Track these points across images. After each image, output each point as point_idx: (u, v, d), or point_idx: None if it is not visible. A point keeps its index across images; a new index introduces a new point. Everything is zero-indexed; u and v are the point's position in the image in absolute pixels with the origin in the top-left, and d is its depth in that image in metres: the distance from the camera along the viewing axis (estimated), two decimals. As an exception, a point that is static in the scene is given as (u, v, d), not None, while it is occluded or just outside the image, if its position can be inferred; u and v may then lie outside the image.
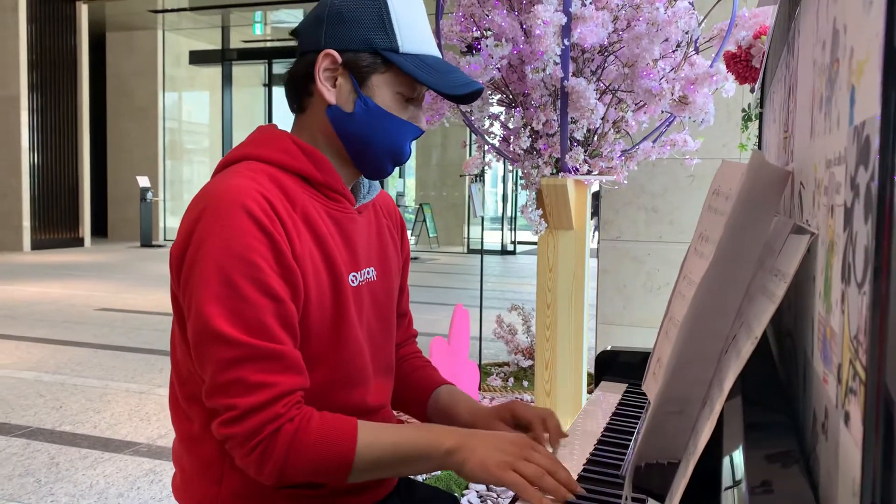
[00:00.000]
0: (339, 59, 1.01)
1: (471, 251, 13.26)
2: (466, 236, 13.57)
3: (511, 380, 3.95)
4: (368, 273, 1.10)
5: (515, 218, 13.86)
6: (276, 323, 0.92)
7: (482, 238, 5.33)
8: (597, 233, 3.98)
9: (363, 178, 1.14)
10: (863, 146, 0.33)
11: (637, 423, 1.18)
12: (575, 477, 1.03)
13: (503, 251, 13.48)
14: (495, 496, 2.50)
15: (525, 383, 3.89)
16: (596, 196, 4.03)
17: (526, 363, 4.02)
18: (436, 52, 1.06)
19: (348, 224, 1.07)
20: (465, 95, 1.05)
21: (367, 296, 1.10)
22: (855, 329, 0.33)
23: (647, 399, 1.03)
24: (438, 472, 2.59)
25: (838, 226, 0.39)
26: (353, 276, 1.06)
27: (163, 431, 3.38)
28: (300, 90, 1.06)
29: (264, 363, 0.90)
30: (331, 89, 1.03)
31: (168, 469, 2.93)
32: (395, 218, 1.24)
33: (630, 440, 1.12)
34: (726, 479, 0.47)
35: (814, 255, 0.49)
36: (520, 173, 2.64)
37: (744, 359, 0.44)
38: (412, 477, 1.25)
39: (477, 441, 0.94)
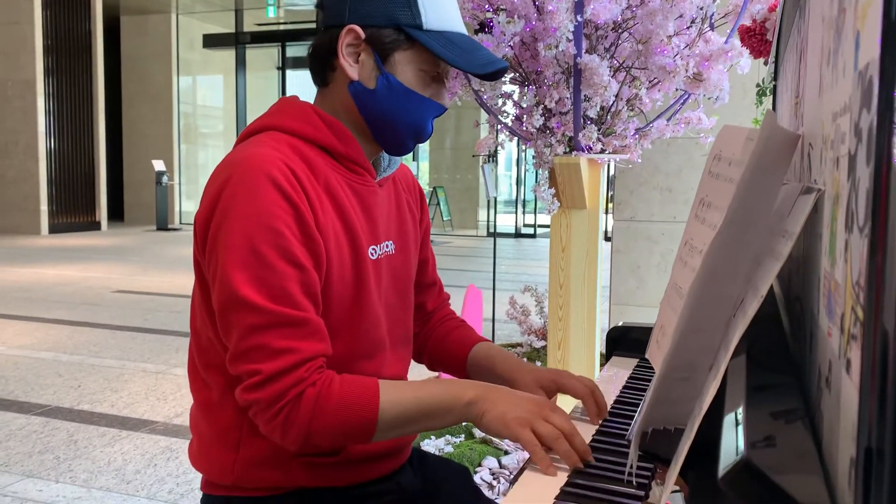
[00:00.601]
0: (363, 35, 1.01)
1: (490, 234, 13.28)
2: (486, 219, 13.53)
3: (524, 360, 3.96)
4: (387, 246, 1.11)
5: (536, 201, 13.83)
6: (300, 291, 0.93)
7: (494, 219, 5.33)
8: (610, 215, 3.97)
9: (383, 154, 1.14)
10: (866, 89, 0.32)
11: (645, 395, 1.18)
12: (584, 447, 1.04)
13: (517, 234, 13.45)
14: (508, 472, 2.51)
15: (538, 363, 3.90)
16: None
17: (539, 344, 4.02)
18: (461, 29, 1.06)
19: (369, 197, 1.07)
20: (490, 74, 1.05)
21: (386, 269, 1.10)
22: (857, 275, 0.33)
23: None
24: (451, 449, 2.61)
25: (843, 176, 0.39)
26: (373, 249, 1.07)
27: (179, 410, 3.42)
28: (324, 64, 1.06)
29: (288, 329, 0.91)
30: (353, 65, 1.02)
31: (184, 447, 2.97)
32: (414, 191, 1.25)
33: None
34: (729, 440, 0.47)
35: (820, 212, 0.49)
36: (532, 153, 2.63)
37: (749, 317, 0.44)
38: (429, 451, 1.27)
39: (498, 395, 0.96)
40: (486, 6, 2.47)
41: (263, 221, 0.91)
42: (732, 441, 0.45)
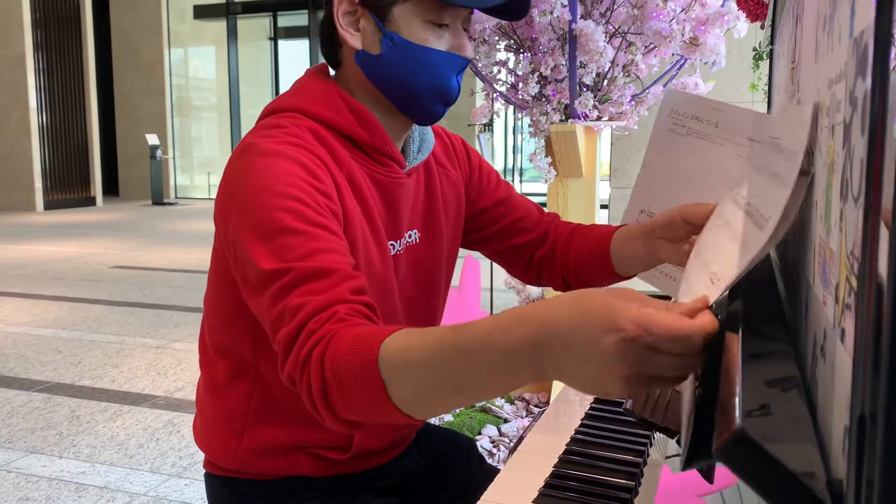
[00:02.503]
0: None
1: None
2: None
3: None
4: (410, 237, 1.04)
5: (519, 169, 13.78)
6: (324, 245, 0.81)
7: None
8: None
9: (413, 134, 1.06)
10: (861, 56, 0.32)
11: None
12: (582, 415, 1.05)
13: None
14: (507, 440, 2.54)
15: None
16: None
17: (537, 312, 4.03)
18: None
19: (392, 189, 1.00)
20: (509, 7, 0.95)
21: (407, 261, 1.04)
22: (851, 244, 0.33)
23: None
24: (451, 418, 2.63)
25: (838, 144, 0.39)
26: (392, 244, 1.01)
27: (179, 385, 3.44)
28: (331, 43, 0.99)
29: (304, 285, 0.77)
30: (354, 34, 0.95)
31: (186, 420, 2.99)
32: (453, 150, 1.14)
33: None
34: (724, 408, 0.47)
35: (815, 179, 0.49)
36: (528, 121, 2.61)
37: (775, 240, 0.44)
38: (429, 421, 1.26)
39: (555, 359, 0.58)
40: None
41: (276, 189, 0.82)
42: (727, 408, 0.45)
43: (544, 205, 2.45)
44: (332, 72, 1.03)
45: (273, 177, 0.84)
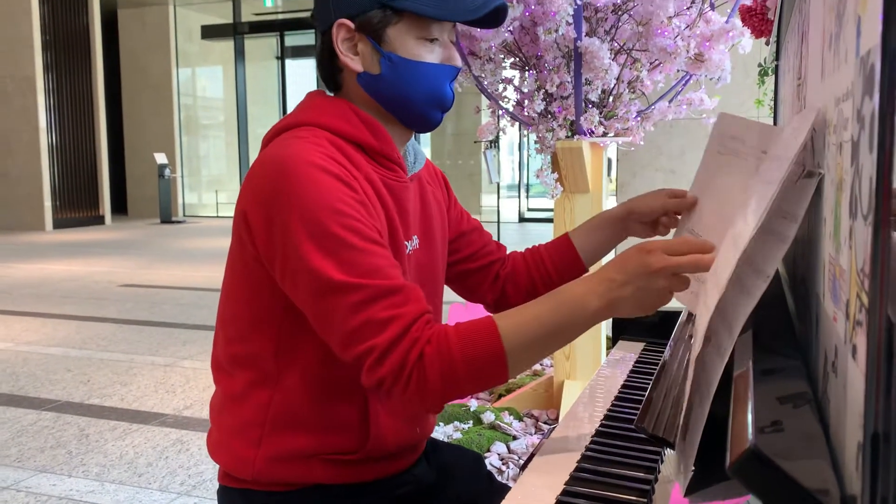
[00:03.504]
0: (352, 26, 1.02)
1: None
2: (489, 204, 13.53)
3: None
4: (413, 241, 1.11)
5: (527, 186, 13.82)
6: (384, 262, 0.92)
7: (498, 205, 5.33)
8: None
9: (409, 147, 1.14)
10: (868, 75, 0.32)
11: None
12: (592, 432, 1.04)
13: (521, 219, 13.44)
14: (517, 458, 2.52)
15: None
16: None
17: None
18: None
19: (402, 193, 1.07)
20: (489, 17, 1.04)
21: (413, 265, 1.11)
22: (861, 262, 0.33)
23: (661, 357, 1.03)
24: (459, 436, 2.62)
25: (846, 162, 0.39)
26: (406, 243, 1.08)
27: (188, 402, 3.44)
28: (331, 70, 1.07)
29: (386, 299, 0.89)
30: (354, 58, 1.03)
31: (195, 439, 2.99)
32: (437, 178, 1.25)
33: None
34: (737, 425, 0.47)
35: (824, 196, 0.49)
36: (534, 138, 2.62)
37: (755, 299, 0.45)
38: (437, 438, 1.28)
39: (620, 292, 0.88)
40: (485, -9, 2.45)
41: (328, 204, 0.91)
42: (740, 425, 0.45)
43: (551, 220, 2.44)
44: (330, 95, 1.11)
45: (323, 192, 0.91)
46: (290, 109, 1.28)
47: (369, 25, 1.01)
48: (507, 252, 1.33)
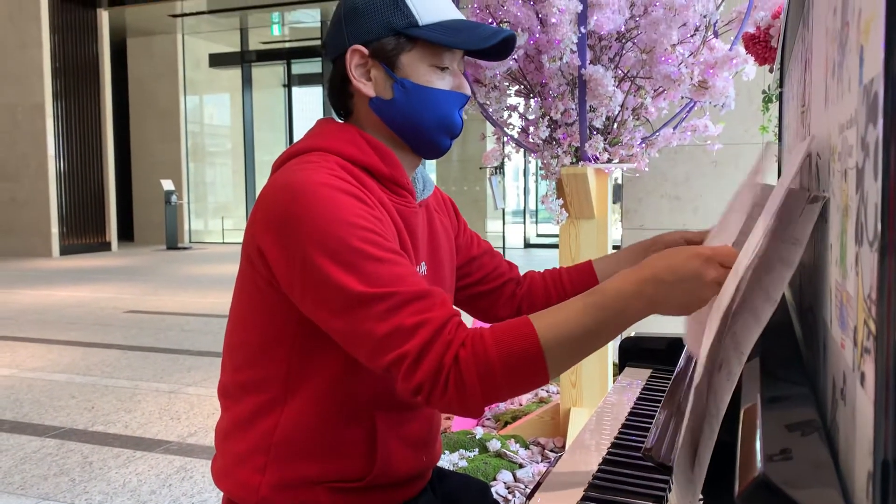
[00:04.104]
0: (366, 52, 1.04)
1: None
2: (495, 230, 13.56)
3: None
4: (422, 268, 1.11)
5: (535, 211, 13.84)
6: (406, 270, 0.92)
7: (504, 231, 5.34)
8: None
9: (418, 173, 1.15)
10: (871, 104, 0.33)
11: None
12: (599, 460, 1.04)
13: (526, 245, 13.45)
14: (523, 486, 2.50)
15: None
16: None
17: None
18: (456, 15, 1.07)
19: (411, 218, 1.08)
20: (498, 47, 1.06)
21: None
22: (868, 288, 0.33)
23: (668, 384, 1.03)
24: (465, 464, 2.60)
25: (851, 188, 0.39)
26: (418, 268, 1.08)
27: (192, 430, 3.42)
28: (342, 95, 1.09)
29: (413, 305, 0.88)
30: (367, 83, 1.05)
31: (199, 466, 2.97)
32: (446, 205, 1.26)
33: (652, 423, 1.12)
34: (745, 453, 0.47)
35: (830, 222, 0.49)
36: (539, 163, 2.63)
37: (763, 323, 0.45)
38: (443, 466, 1.27)
39: (669, 294, 0.86)
40: (490, 20, 2.48)
41: (343, 219, 0.91)
42: (748, 453, 0.45)
43: (556, 246, 2.44)
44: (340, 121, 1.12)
45: (338, 207, 0.92)
46: (296, 136, 1.29)
47: (383, 52, 1.03)
48: (521, 272, 1.33)
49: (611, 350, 2.85)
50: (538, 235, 13.85)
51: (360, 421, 1.03)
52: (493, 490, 2.45)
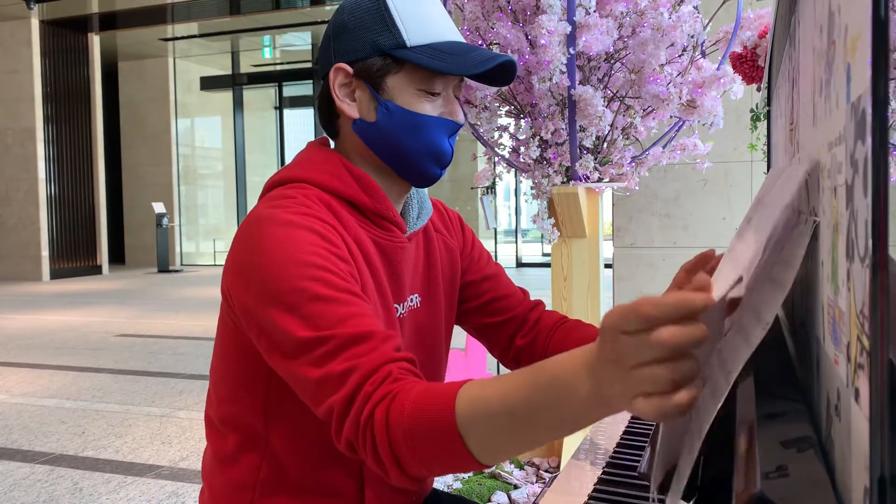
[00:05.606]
0: (351, 71, 0.98)
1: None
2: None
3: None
4: (412, 301, 1.07)
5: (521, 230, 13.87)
6: (356, 311, 0.83)
7: (495, 250, 5.34)
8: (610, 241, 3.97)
9: (412, 201, 1.09)
10: (859, 121, 0.33)
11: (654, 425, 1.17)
12: (594, 479, 1.03)
13: (518, 264, 13.47)
14: (518, 508, 2.48)
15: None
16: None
17: (544, 374, 3.99)
18: (453, 37, 1.00)
19: (395, 254, 1.03)
20: (495, 72, 0.99)
21: (410, 325, 1.06)
22: (860, 304, 0.33)
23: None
24: (459, 485, 2.58)
25: (841, 205, 0.39)
26: (396, 307, 1.03)
27: (184, 454, 3.39)
28: (329, 115, 1.04)
29: (348, 350, 0.79)
30: (351, 103, 1.00)
31: (190, 491, 2.94)
32: (451, 222, 1.20)
33: (647, 442, 1.12)
34: (741, 470, 0.47)
35: (820, 239, 0.49)
36: (530, 183, 2.65)
37: (753, 346, 0.45)
38: (437, 488, 1.25)
39: (603, 373, 0.56)
40: (479, 42, 2.50)
41: (294, 258, 0.84)
42: (745, 471, 0.45)
43: (548, 265, 2.44)
44: (331, 143, 1.08)
45: (293, 247, 0.86)
46: (288, 158, 1.26)
47: (368, 73, 0.97)
48: (542, 315, 1.19)
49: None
50: (523, 256, 13.85)
51: (345, 459, 0.98)
52: (488, 512, 2.43)
